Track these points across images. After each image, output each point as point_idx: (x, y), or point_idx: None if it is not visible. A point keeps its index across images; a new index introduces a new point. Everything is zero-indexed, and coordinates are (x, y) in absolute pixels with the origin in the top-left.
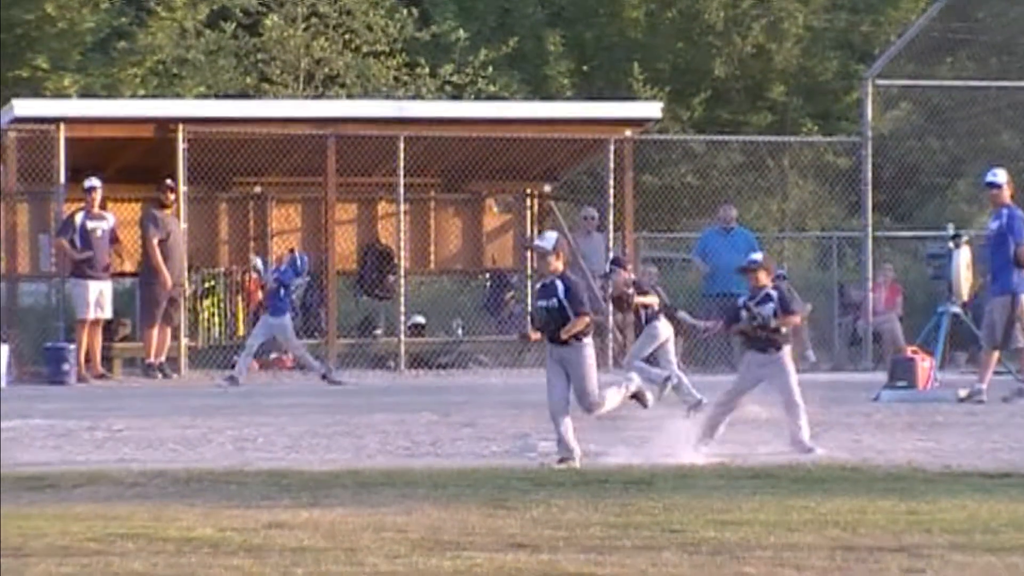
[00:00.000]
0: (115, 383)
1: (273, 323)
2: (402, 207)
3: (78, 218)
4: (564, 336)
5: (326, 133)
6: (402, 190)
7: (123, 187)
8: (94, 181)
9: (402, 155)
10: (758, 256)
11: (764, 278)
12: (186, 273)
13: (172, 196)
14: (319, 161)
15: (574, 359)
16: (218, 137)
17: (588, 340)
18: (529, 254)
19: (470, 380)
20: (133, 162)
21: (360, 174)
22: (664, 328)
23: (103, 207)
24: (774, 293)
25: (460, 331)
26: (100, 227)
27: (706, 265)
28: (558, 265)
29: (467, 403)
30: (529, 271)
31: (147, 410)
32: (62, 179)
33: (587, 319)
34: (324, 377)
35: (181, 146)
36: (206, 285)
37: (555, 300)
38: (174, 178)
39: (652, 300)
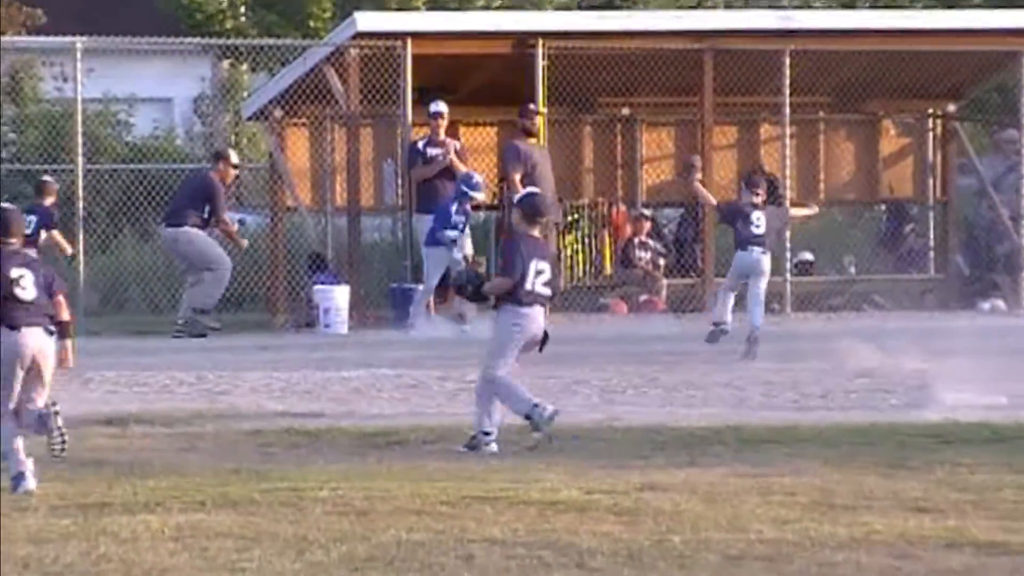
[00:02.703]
0: (468, 327)
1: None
2: (787, 130)
3: (420, 145)
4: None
5: (702, 47)
6: (787, 111)
7: (476, 110)
8: (440, 106)
9: (788, 71)
10: None
11: None
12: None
13: (538, 123)
14: (694, 79)
15: None
16: (581, 53)
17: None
18: (931, 182)
19: (864, 324)
20: (486, 82)
21: (740, 93)
22: (744, 260)
23: (453, 133)
24: None
25: (853, 269)
26: (442, 155)
27: None
28: None
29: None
30: (931, 200)
31: None
32: (408, 101)
33: None
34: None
35: (540, 64)
36: (569, 219)
37: None
38: (533, 99)
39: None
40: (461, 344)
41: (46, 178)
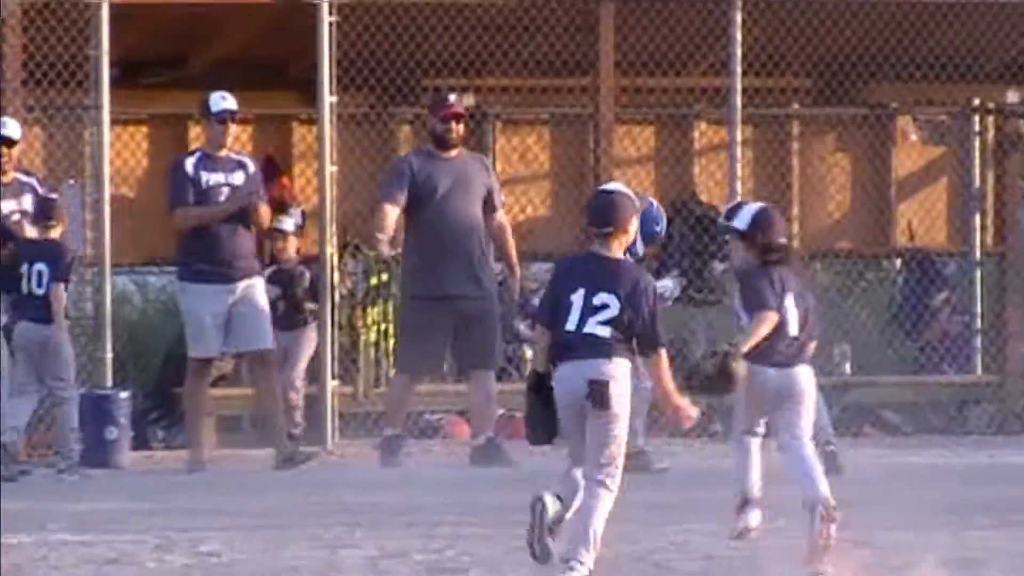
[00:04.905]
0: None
1: None
2: (738, 133)
3: (189, 166)
4: None
5: None
6: (739, 100)
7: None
8: (226, 102)
9: (739, 35)
10: None
11: None
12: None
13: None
14: (583, 48)
15: None
16: (393, 6)
17: None
18: (978, 221)
19: (863, 458)
20: (235, 53)
21: (660, 72)
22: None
23: (180, 132)
24: None
25: (847, 367)
26: (230, 182)
27: None
28: None
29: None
30: (978, 251)
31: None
32: (104, 83)
33: None
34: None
35: (326, 23)
36: (373, 281)
37: None
38: (313, 76)
39: None
40: (201, 484)
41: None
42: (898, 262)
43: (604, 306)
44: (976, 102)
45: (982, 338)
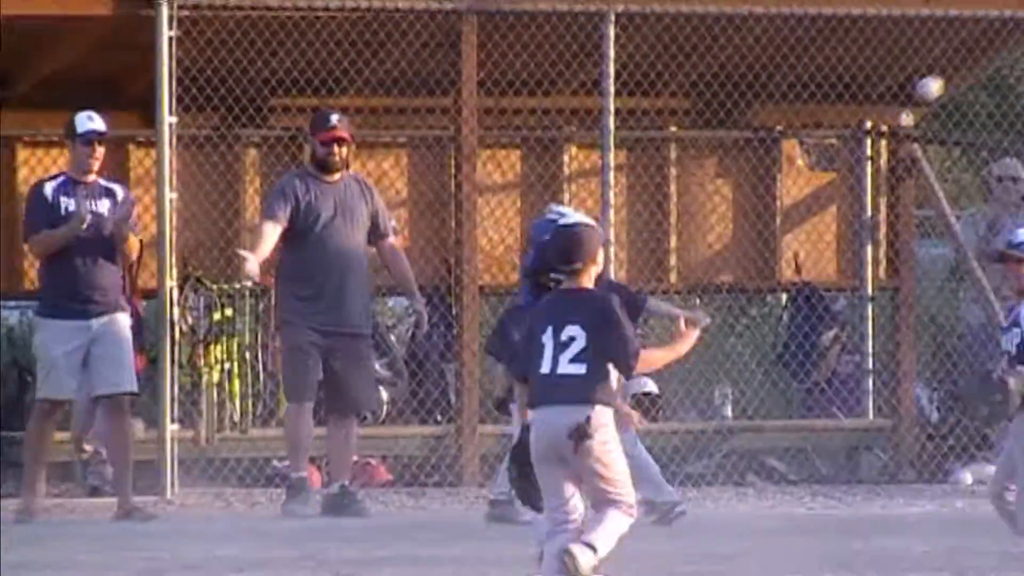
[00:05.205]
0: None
1: None
2: (611, 157)
3: (48, 190)
4: None
5: (459, 7)
6: (612, 122)
7: (52, 117)
8: (93, 122)
9: (612, 51)
10: None
11: None
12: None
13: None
14: (444, 64)
15: None
16: (239, 19)
17: None
18: (869, 254)
19: (748, 512)
20: (71, 70)
21: (527, 91)
22: None
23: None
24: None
25: (728, 409)
26: (94, 210)
27: None
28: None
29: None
30: (871, 289)
31: None
32: None
33: None
34: None
35: (165, 36)
36: (216, 317)
37: None
38: (151, 95)
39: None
40: (30, 536)
41: None
42: (784, 297)
43: (571, 339)
44: (868, 125)
45: (874, 379)
